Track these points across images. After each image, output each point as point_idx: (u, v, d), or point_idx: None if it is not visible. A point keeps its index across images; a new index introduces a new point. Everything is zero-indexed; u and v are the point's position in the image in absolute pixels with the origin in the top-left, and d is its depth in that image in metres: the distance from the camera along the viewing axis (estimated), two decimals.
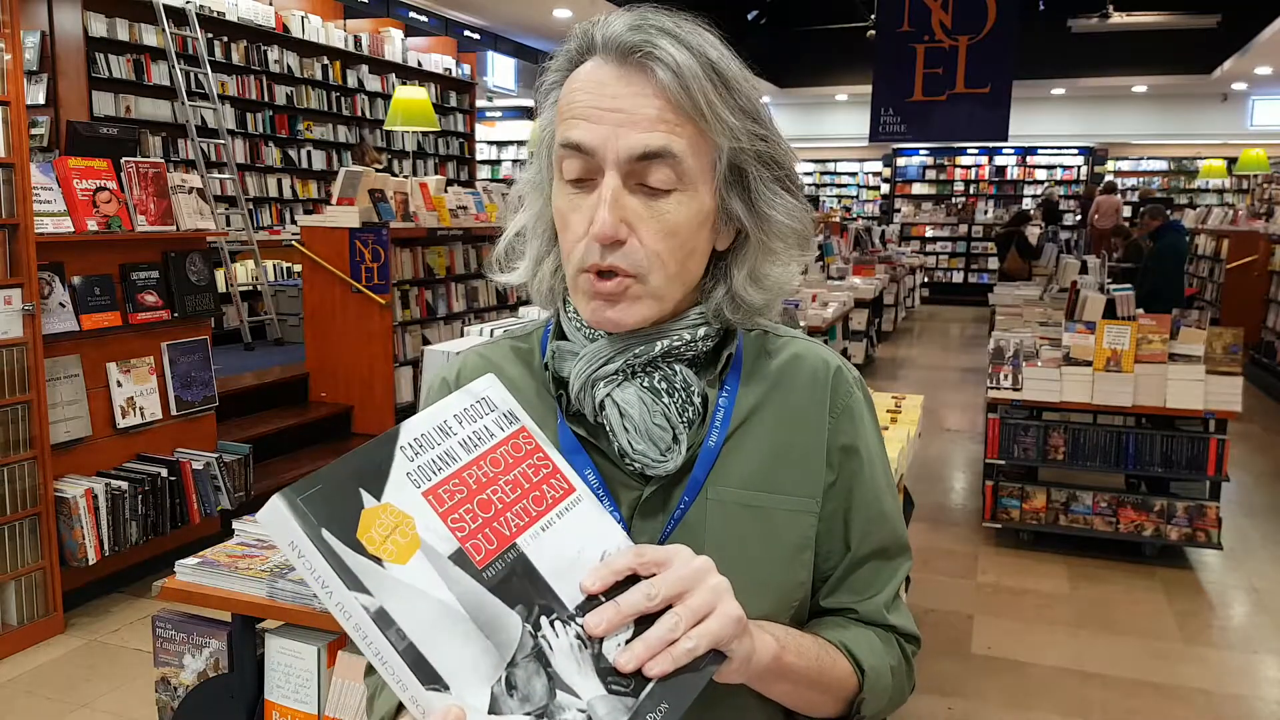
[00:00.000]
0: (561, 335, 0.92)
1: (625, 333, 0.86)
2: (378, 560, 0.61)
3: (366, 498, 0.62)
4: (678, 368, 0.87)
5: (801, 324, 6.06)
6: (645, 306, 0.84)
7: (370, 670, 0.99)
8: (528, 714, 0.63)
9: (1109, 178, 16.50)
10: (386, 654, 0.59)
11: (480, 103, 13.80)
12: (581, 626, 0.67)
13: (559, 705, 0.64)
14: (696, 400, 0.87)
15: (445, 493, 0.66)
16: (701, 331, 0.88)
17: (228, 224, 7.67)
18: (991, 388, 4.32)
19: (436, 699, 0.60)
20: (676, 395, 0.86)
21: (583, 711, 0.64)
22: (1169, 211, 8.65)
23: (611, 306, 0.83)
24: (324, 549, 0.59)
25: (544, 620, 0.66)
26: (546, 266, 0.92)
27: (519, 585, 0.66)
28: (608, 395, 0.85)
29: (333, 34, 9.83)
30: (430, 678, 0.60)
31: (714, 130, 0.83)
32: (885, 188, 18.67)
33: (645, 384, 0.86)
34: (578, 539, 0.71)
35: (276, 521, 0.59)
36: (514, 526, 0.69)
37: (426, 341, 5.88)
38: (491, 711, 0.62)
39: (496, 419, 0.72)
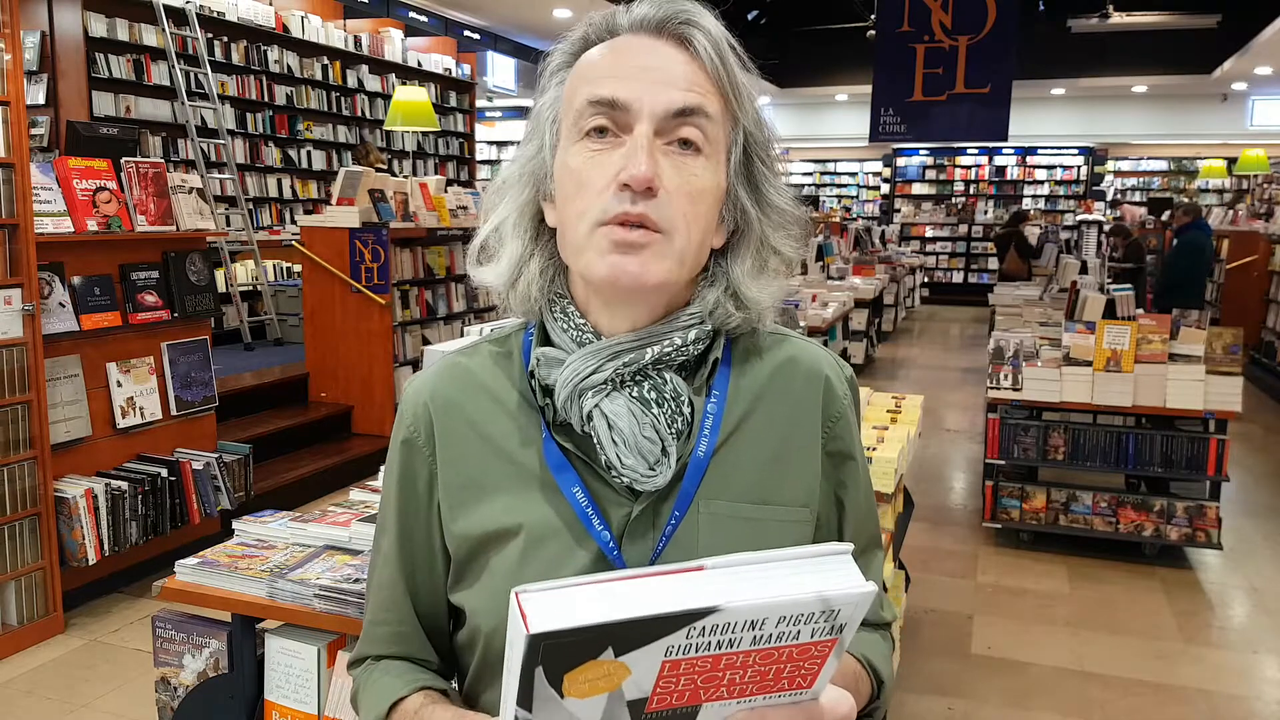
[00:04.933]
0: (546, 341, 0.88)
1: (622, 293, 0.83)
2: (561, 694, 0.57)
3: (607, 654, 0.56)
4: (667, 376, 0.84)
5: (801, 324, 6.06)
6: (666, 267, 0.81)
7: (354, 663, 0.98)
8: None
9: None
10: None
11: (480, 103, 13.80)
12: None
13: None
14: (686, 410, 0.84)
15: (687, 665, 0.58)
16: (693, 334, 0.85)
17: (228, 224, 7.67)
18: (991, 388, 4.32)
19: None
20: (666, 406, 0.83)
21: None
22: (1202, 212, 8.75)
23: (635, 256, 0.79)
24: (525, 676, 0.56)
25: None
26: (533, 267, 0.88)
27: None
28: (596, 406, 0.82)
29: (333, 34, 9.82)
30: None
31: (737, 106, 0.84)
32: (885, 188, 18.65)
33: (634, 394, 0.83)
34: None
35: (515, 634, 0.56)
36: (714, 695, 0.61)
37: (426, 341, 5.88)
38: None
39: (819, 629, 0.59)
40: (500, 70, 13.82)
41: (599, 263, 0.80)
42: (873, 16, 10.87)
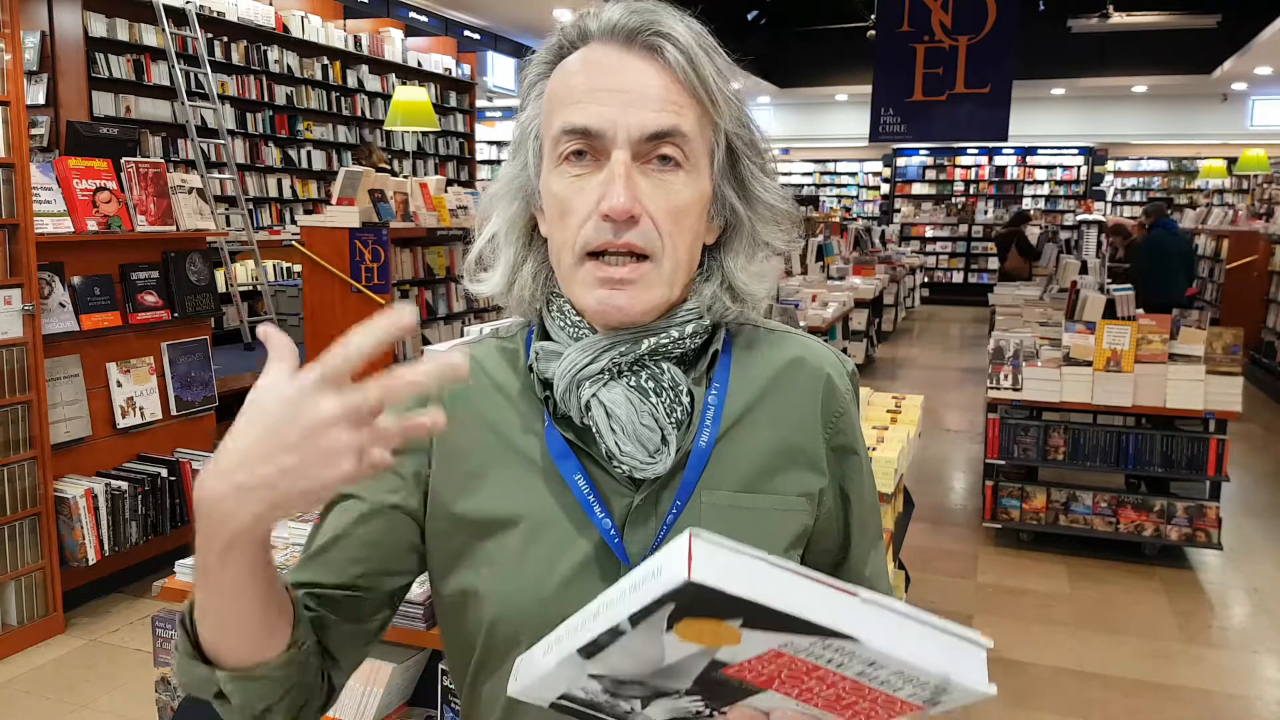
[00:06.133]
0: (545, 336, 0.89)
1: (612, 330, 0.84)
2: (667, 628, 0.58)
3: (735, 621, 0.56)
4: (665, 366, 0.85)
5: (801, 324, 6.06)
6: (655, 294, 0.82)
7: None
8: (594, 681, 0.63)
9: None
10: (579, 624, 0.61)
11: (480, 103, 13.80)
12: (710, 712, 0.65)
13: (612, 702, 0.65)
14: (685, 400, 0.85)
15: (789, 660, 0.59)
16: (690, 329, 0.86)
17: (228, 224, 7.67)
18: (991, 388, 4.32)
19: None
20: (664, 395, 0.84)
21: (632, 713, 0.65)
22: (1169, 211, 8.68)
23: (622, 292, 0.81)
24: (654, 604, 0.56)
25: (685, 700, 0.64)
26: (526, 272, 0.89)
27: (717, 688, 0.63)
28: (593, 395, 0.83)
29: (333, 34, 9.82)
30: (589, 650, 0.61)
31: (716, 112, 0.83)
32: (885, 188, 18.66)
33: (632, 383, 0.84)
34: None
35: (669, 566, 0.55)
36: (787, 690, 0.62)
37: (426, 341, 5.88)
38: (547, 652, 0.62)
39: (919, 695, 0.60)
40: (500, 70, 13.82)
41: (587, 297, 0.82)
42: (873, 16, 10.87)
